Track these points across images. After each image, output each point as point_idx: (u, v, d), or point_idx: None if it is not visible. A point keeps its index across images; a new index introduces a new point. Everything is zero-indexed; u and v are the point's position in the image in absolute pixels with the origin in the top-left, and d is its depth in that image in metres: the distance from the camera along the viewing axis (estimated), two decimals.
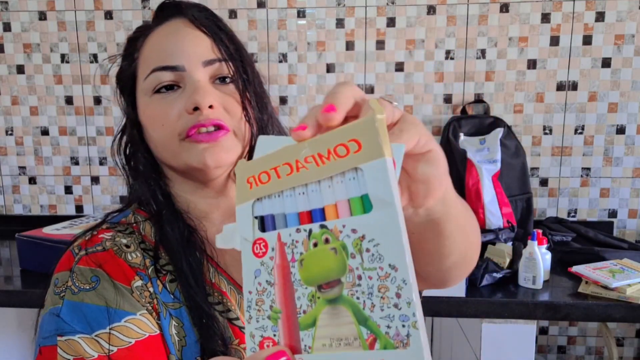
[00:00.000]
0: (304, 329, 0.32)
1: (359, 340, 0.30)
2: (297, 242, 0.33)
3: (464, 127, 1.75)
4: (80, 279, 0.56)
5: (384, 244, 0.30)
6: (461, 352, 1.53)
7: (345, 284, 0.31)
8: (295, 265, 0.32)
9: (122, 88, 0.65)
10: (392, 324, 0.29)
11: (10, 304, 1.40)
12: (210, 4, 1.83)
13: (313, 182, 0.33)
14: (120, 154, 0.66)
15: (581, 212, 1.86)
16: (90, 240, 0.59)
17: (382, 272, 0.30)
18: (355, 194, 0.31)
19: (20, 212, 2.03)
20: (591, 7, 1.74)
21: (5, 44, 1.91)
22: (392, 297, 0.29)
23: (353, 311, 0.30)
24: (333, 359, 0.30)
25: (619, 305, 1.22)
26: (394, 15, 1.80)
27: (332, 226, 0.32)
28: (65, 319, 0.54)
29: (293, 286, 0.32)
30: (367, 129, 0.31)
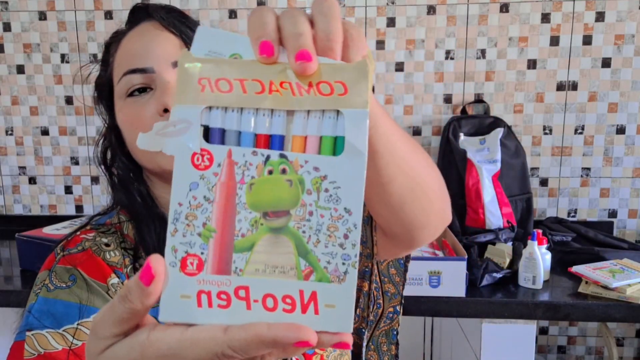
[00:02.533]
0: (238, 252, 0.31)
1: (295, 270, 0.31)
2: (250, 164, 0.31)
3: (464, 127, 1.75)
4: (58, 278, 0.58)
5: (345, 188, 0.31)
6: (461, 352, 1.53)
7: (294, 217, 0.31)
8: (242, 188, 0.31)
9: (100, 94, 0.67)
10: (333, 260, 0.31)
11: (10, 304, 1.39)
12: (210, 4, 1.84)
13: (282, 110, 0.32)
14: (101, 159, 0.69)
15: (581, 212, 1.86)
16: (72, 241, 0.62)
17: (335, 213, 0.31)
18: (328, 134, 0.31)
19: (20, 212, 2.03)
20: (591, 7, 1.74)
21: (5, 44, 1.91)
22: (340, 237, 0.31)
23: (295, 243, 0.31)
24: (263, 283, 0.30)
25: (619, 305, 1.22)
26: (394, 15, 1.80)
27: (292, 158, 0.31)
28: (35, 315, 0.55)
29: (235, 208, 0.31)
30: (358, 76, 0.31)
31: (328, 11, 0.33)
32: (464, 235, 1.59)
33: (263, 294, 0.30)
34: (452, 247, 1.38)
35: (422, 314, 1.31)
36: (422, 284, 1.25)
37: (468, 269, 1.28)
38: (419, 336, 1.89)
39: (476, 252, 1.44)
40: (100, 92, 0.67)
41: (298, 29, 0.32)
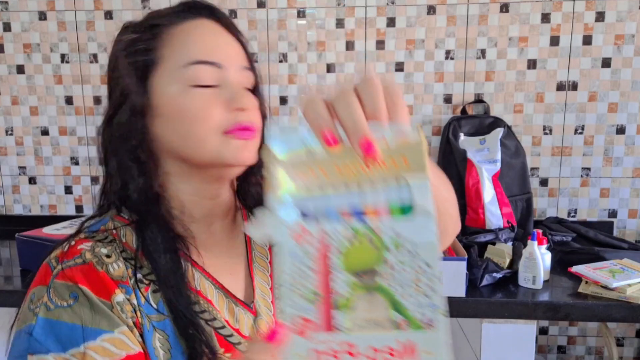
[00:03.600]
0: (340, 311, 0.36)
1: (390, 322, 0.35)
2: (339, 233, 0.37)
3: (464, 127, 1.75)
4: (58, 295, 0.53)
5: (421, 245, 0.36)
6: (461, 352, 1.53)
7: (382, 274, 0.36)
8: (335, 254, 0.36)
9: (137, 69, 0.60)
10: (422, 310, 0.35)
11: (10, 304, 1.39)
12: None
13: (356, 184, 0.37)
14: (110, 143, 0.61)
15: (581, 212, 1.86)
16: (68, 252, 0.56)
17: (417, 268, 0.36)
18: (397, 200, 0.37)
19: (20, 212, 2.03)
20: (591, 7, 1.74)
21: (5, 44, 1.91)
22: (425, 288, 0.35)
23: (387, 298, 0.36)
24: (366, 337, 0.35)
25: (619, 305, 1.22)
26: (394, 15, 1.80)
27: (373, 224, 0.37)
28: (37, 338, 0.52)
29: (332, 272, 0.36)
30: (415, 151, 0.38)
31: (373, 90, 0.40)
32: (464, 235, 1.59)
33: (366, 346, 0.35)
34: (452, 247, 1.38)
35: None
36: None
37: (468, 269, 1.28)
38: None
39: (476, 252, 1.44)
40: (137, 66, 0.60)
41: (354, 117, 0.38)
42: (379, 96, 0.40)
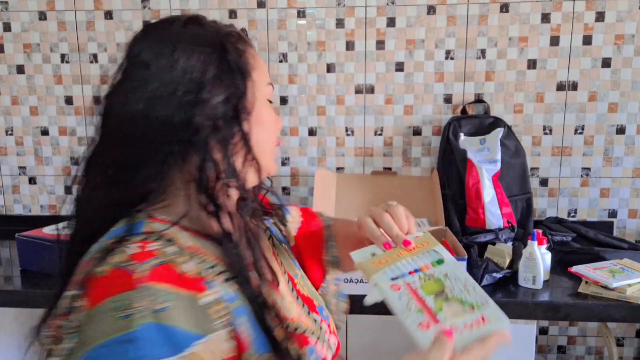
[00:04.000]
0: (437, 312, 0.61)
1: (465, 310, 0.61)
2: (414, 281, 0.65)
3: (464, 127, 1.75)
4: (151, 299, 0.51)
5: (458, 273, 0.66)
6: None
7: (447, 291, 0.63)
8: (419, 289, 0.64)
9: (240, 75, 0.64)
10: (478, 299, 0.62)
11: (10, 304, 1.40)
12: (210, 4, 1.84)
13: (410, 257, 0.69)
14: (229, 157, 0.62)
15: (581, 212, 1.86)
16: (141, 254, 0.54)
17: (463, 282, 0.64)
18: (434, 260, 0.69)
19: (20, 212, 2.03)
20: (591, 7, 1.74)
21: (5, 44, 1.91)
22: (473, 291, 0.63)
23: (456, 300, 0.62)
24: (458, 321, 0.59)
25: (619, 305, 1.22)
26: (394, 15, 1.80)
27: (428, 272, 0.67)
28: (141, 345, 0.49)
29: (422, 298, 0.63)
30: (433, 240, 0.72)
31: (399, 213, 0.73)
32: (464, 235, 1.59)
33: (462, 325, 0.59)
34: (452, 247, 1.38)
35: None
36: None
37: (468, 269, 1.28)
38: None
39: (476, 252, 1.44)
40: (241, 70, 0.64)
41: (395, 231, 0.71)
42: (403, 217, 0.73)
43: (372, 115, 1.87)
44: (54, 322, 0.56)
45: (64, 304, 0.55)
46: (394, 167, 1.90)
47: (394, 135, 1.88)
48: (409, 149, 1.88)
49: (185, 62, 0.60)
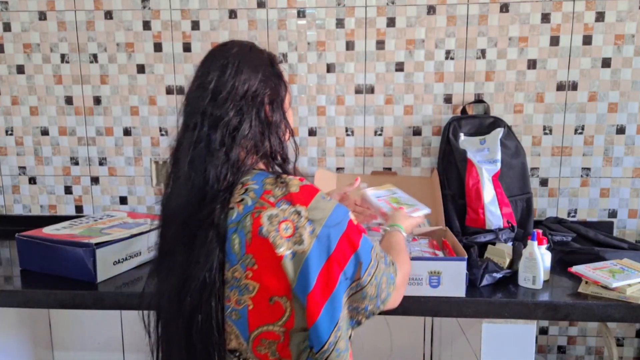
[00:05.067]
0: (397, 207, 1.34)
1: (410, 206, 1.37)
2: (387, 197, 1.41)
3: (464, 127, 1.75)
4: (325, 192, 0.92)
5: (405, 197, 1.44)
6: (461, 352, 1.53)
7: (401, 201, 1.40)
8: (389, 200, 1.38)
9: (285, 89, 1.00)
10: (415, 203, 1.41)
11: (10, 304, 1.39)
12: (210, 4, 1.84)
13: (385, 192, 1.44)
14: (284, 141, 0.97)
15: (581, 212, 1.86)
16: (300, 179, 0.90)
17: (406, 199, 1.42)
18: (393, 194, 1.45)
19: (20, 212, 2.03)
20: (591, 7, 1.74)
21: (5, 44, 1.92)
22: (413, 201, 1.41)
23: (405, 204, 1.38)
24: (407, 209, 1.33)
25: (619, 305, 1.22)
26: (394, 15, 1.80)
27: (392, 196, 1.41)
28: (343, 208, 0.91)
29: (390, 203, 1.37)
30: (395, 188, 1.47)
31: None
32: (464, 235, 1.59)
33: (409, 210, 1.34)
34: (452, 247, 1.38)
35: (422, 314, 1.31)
36: (422, 284, 1.25)
37: (468, 269, 1.28)
38: (419, 336, 1.89)
39: (476, 252, 1.44)
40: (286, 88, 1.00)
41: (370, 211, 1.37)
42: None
43: (372, 115, 1.87)
44: (269, 235, 0.83)
45: (282, 214, 0.84)
46: (394, 167, 1.90)
47: (394, 135, 1.88)
48: (409, 149, 1.88)
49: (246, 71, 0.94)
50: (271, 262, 0.82)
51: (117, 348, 1.97)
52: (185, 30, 1.86)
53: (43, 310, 1.95)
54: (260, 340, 0.85)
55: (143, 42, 1.88)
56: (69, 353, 2.00)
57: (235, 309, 0.85)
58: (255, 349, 0.85)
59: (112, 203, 1.99)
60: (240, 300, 0.84)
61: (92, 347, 1.99)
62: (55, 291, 1.33)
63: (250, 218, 0.83)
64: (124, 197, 1.99)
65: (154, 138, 1.94)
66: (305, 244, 0.82)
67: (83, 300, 1.32)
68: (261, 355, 0.86)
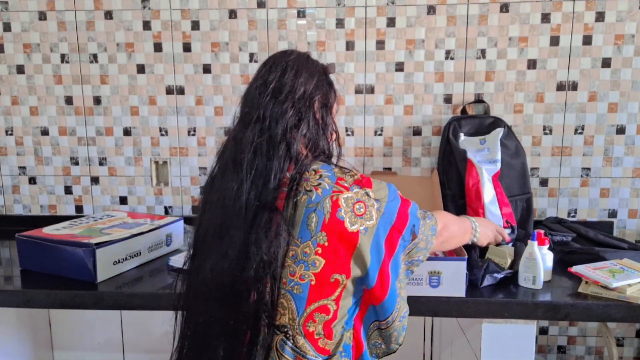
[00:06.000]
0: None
1: None
2: None
3: (464, 127, 1.75)
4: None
5: None
6: (461, 352, 1.53)
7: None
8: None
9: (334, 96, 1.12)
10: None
11: (10, 304, 1.39)
12: (210, 4, 1.84)
13: None
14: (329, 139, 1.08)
15: (581, 212, 1.86)
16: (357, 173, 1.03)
17: None
18: None
19: (20, 212, 2.03)
20: (591, 7, 1.74)
21: (5, 44, 1.92)
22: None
23: None
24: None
25: (619, 305, 1.22)
26: (394, 15, 1.80)
27: None
28: (396, 190, 1.05)
29: None
30: None
31: None
32: None
33: None
34: None
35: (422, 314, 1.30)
36: (422, 284, 1.25)
37: (469, 270, 1.28)
38: (419, 336, 1.89)
39: (477, 253, 1.44)
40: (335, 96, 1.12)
41: None
42: None
43: (372, 115, 1.87)
44: (344, 215, 0.94)
45: (356, 197, 0.96)
46: (394, 167, 1.90)
47: (394, 135, 1.88)
48: (409, 149, 1.88)
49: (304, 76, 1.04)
50: (344, 239, 0.94)
51: (117, 348, 1.97)
52: (185, 30, 1.86)
53: (43, 310, 1.95)
54: (313, 315, 0.95)
55: (143, 42, 1.88)
56: (69, 353, 2.00)
57: (298, 283, 0.94)
58: (306, 324, 0.95)
59: (112, 203, 1.99)
60: (305, 275, 0.94)
61: (92, 347, 1.99)
62: (55, 291, 1.33)
63: (329, 200, 0.94)
64: (124, 197, 1.99)
65: (154, 138, 1.94)
66: (374, 219, 0.96)
67: (83, 300, 1.32)
68: (309, 333, 0.95)
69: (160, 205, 1.98)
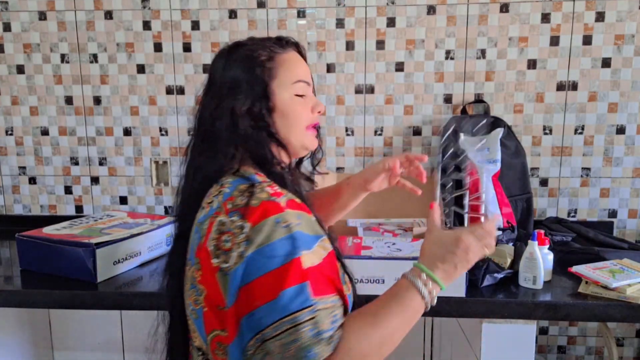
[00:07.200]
0: None
1: None
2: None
3: (464, 127, 1.75)
4: (294, 217, 0.79)
5: None
6: (461, 352, 1.53)
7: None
8: None
9: (266, 79, 0.88)
10: None
11: (10, 304, 1.39)
12: (210, 4, 1.84)
13: None
14: (245, 124, 0.87)
15: (581, 212, 1.86)
16: (274, 193, 0.81)
17: None
18: None
19: (20, 212, 2.03)
20: (591, 7, 1.74)
21: (5, 44, 1.91)
22: None
23: None
24: None
25: (619, 305, 1.22)
26: (394, 15, 1.80)
27: None
28: (299, 241, 0.76)
29: None
30: None
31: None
32: None
33: None
34: None
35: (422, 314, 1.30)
36: None
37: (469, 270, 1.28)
38: (419, 336, 1.89)
39: None
40: (266, 76, 0.88)
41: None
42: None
43: (372, 115, 1.87)
44: (211, 243, 0.78)
45: (228, 226, 0.77)
46: None
47: (394, 135, 1.88)
48: (409, 149, 1.88)
49: (231, 76, 0.88)
50: (210, 271, 0.77)
51: (117, 348, 1.97)
52: (185, 30, 1.86)
53: (43, 310, 1.95)
54: (215, 343, 0.79)
55: (143, 42, 1.88)
56: (69, 353, 2.00)
57: (194, 309, 0.82)
58: (213, 352, 0.80)
59: (112, 203, 1.99)
60: (197, 300, 0.81)
61: (92, 347, 1.99)
62: (55, 291, 1.33)
63: (208, 222, 0.80)
64: (124, 197, 1.99)
65: (154, 138, 1.94)
66: (231, 263, 0.74)
67: (83, 300, 1.32)
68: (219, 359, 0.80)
69: (160, 205, 1.98)
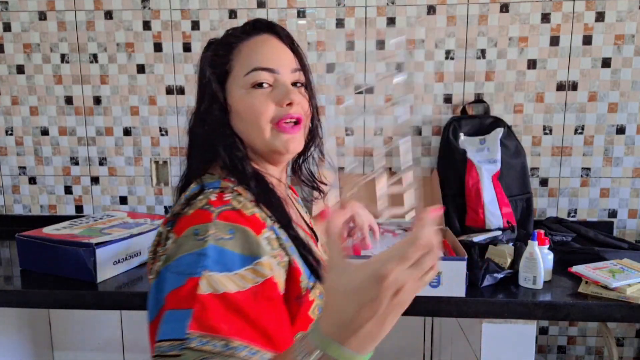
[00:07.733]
0: None
1: None
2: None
3: (464, 127, 1.75)
4: (221, 230, 0.67)
5: None
6: (461, 352, 1.53)
7: None
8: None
9: (217, 77, 0.79)
10: None
11: (10, 304, 1.39)
12: (210, 4, 1.84)
13: None
14: (198, 128, 0.80)
15: (581, 212, 1.86)
16: (217, 201, 0.71)
17: None
18: None
19: (20, 212, 2.03)
20: (591, 7, 1.74)
21: (5, 44, 1.91)
22: None
23: None
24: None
25: (619, 305, 1.22)
26: (394, 15, 1.80)
27: None
28: (209, 260, 0.64)
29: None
30: None
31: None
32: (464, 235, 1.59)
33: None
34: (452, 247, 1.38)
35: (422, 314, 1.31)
36: None
37: (469, 270, 1.28)
38: (419, 336, 1.89)
39: (477, 253, 1.44)
40: (218, 76, 0.79)
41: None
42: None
43: (371, 115, 1.87)
44: (150, 255, 0.74)
45: (162, 237, 0.72)
46: (393, 167, 1.90)
47: (393, 135, 1.88)
48: None
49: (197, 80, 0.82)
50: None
51: (117, 348, 1.97)
52: (185, 30, 1.86)
53: (43, 310, 1.95)
54: None
55: (143, 42, 1.88)
56: (69, 353, 2.00)
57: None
58: None
59: (112, 203, 1.99)
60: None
61: (92, 347, 1.99)
62: (55, 291, 1.33)
63: (160, 229, 0.75)
64: (124, 197, 1.99)
65: (154, 138, 1.94)
66: (153, 277, 0.69)
67: (83, 300, 1.32)
68: None
69: (160, 205, 1.98)
